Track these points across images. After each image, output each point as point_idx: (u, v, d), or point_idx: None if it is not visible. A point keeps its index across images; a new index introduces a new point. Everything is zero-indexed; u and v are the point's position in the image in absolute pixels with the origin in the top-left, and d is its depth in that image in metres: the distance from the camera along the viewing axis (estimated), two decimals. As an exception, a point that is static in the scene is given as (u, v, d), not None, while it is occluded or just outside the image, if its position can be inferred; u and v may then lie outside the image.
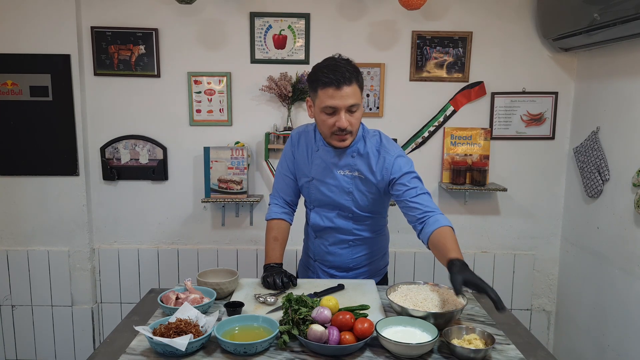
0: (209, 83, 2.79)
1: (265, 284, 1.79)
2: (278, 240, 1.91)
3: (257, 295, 1.72)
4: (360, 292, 1.80)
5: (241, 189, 2.75)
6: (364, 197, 1.83)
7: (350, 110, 1.67)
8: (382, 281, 2.07)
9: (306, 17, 2.74)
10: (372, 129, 1.88)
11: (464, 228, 2.93)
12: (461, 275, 1.44)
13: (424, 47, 2.77)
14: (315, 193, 1.88)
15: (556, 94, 2.80)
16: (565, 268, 2.89)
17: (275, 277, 1.77)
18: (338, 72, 1.63)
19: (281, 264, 1.87)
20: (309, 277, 2.05)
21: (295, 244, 2.38)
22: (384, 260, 2.06)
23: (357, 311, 1.54)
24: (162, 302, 1.60)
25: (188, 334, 1.36)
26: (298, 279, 1.95)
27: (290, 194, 1.98)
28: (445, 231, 1.62)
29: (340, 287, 1.80)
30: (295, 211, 2.02)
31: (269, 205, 2.01)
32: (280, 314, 1.52)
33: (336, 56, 1.72)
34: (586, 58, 2.68)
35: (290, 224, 1.99)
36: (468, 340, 1.39)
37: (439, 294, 1.61)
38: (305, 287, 1.80)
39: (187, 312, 1.46)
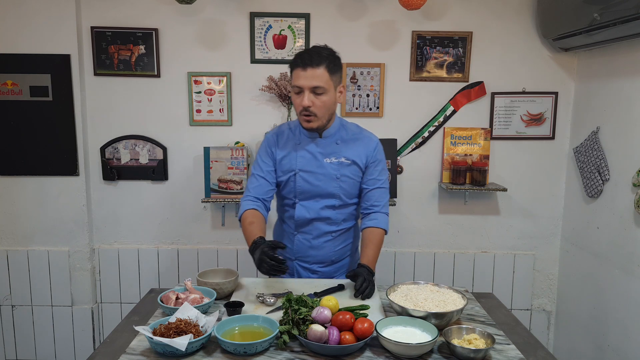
0: (209, 83, 2.79)
1: (263, 269, 1.64)
2: (254, 223, 1.83)
3: (257, 295, 1.72)
4: (360, 292, 1.80)
5: (241, 189, 2.75)
6: (351, 181, 1.91)
7: (315, 92, 1.76)
8: None
9: (306, 17, 2.74)
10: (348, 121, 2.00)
11: (464, 228, 2.93)
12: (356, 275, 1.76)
13: (424, 47, 2.77)
14: (302, 185, 1.89)
15: (556, 94, 2.80)
16: (565, 268, 2.89)
17: (264, 260, 1.61)
18: (306, 54, 1.77)
19: (263, 237, 1.75)
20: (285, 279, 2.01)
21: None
22: (357, 254, 2.09)
23: (357, 311, 1.54)
24: (162, 302, 1.60)
25: (188, 334, 1.36)
26: (297, 279, 1.96)
27: (262, 193, 1.92)
28: (373, 234, 1.88)
29: (340, 287, 1.81)
30: (268, 209, 1.95)
31: (240, 205, 1.95)
32: (280, 314, 1.52)
33: (323, 45, 1.84)
34: (586, 58, 2.69)
35: (265, 219, 1.90)
36: (468, 340, 1.40)
37: (439, 294, 1.61)
38: (305, 287, 1.81)
39: (187, 312, 1.47)
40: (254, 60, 2.78)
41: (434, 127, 2.84)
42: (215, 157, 2.75)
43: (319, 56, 1.75)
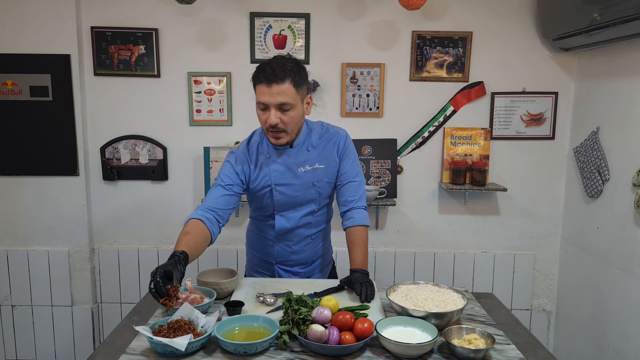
0: (209, 83, 2.79)
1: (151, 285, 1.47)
2: (189, 234, 1.65)
3: (257, 295, 1.72)
4: (360, 292, 1.80)
5: (241, 189, 2.75)
6: (327, 184, 1.88)
7: (281, 108, 1.67)
8: (332, 274, 2.11)
9: (306, 17, 2.74)
10: (312, 121, 1.93)
11: (464, 228, 2.93)
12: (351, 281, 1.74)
13: (424, 47, 2.77)
14: (280, 198, 1.84)
15: (556, 94, 2.80)
16: (565, 268, 2.89)
17: (156, 277, 1.45)
18: (269, 69, 1.65)
19: (185, 252, 1.58)
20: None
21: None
22: (331, 249, 2.13)
23: (357, 311, 1.54)
24: (162, 302, 1.60)
25: (188, 334, 1.36)
26: (297, 279, 1.96)
27: (220, 204, 1.77)
28: (355, 234, 1.83)
29: (341, 287, 1.80)
30: (222, 222, 1.78)
31: None
32: (280, 314, 1.52)
33: (286, 55, 1.73)
34: (586, 58, 2.69)
35: (212, 238, 1.73)
36: (468, 340, 1.39)
37: (439, 294, 1.61)
38: (305, 287, 1.81)
39: (187, 312, 1.47)
40: (254, 60, 2.78)
41: (434, 127, 2.84)
42: (215, 157, 2.75)
43: (284, 70, 1.64)
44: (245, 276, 2.10)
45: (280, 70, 1.64)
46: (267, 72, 1.65)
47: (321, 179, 1.85)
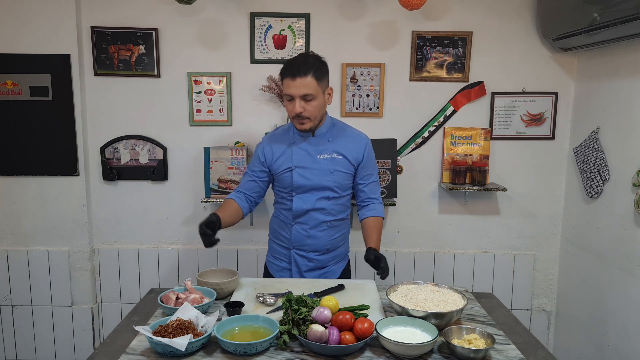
0: (209, 83, 2.79)
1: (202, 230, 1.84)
2: (222, 206, 2.01)
3: (257, 295, 1.72)
4: (360, 292, 1.80)
5: (241, 189, 2.75)
6: (343, 174, 2.03)
7: (305, 99, 1.89)
8: (345, 270, 2.16)
9: (306, 17, 2.74)
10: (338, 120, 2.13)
11: (464, 228, 2.93)
12: (372, 255, 1.89)
13: (424, 47, 2.77)
14: (298, 180, 2.00)
15: (556, 94, 2.80)
16: (565, 268, 2.89)
17: (200, 229, 1.83)
18: (294, 65, 1.89)
19: (217, 214, 1.90)
20: (284, 267, 2.12)
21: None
22: (348, 247, 2.22)
23: (357, 311, 1.54)
24: (162, 302, 1.61)
25: (188, 334, 1.36)
26: (297, 279, 1.97)
27: (248, 189, 2.09)
28: (375, 222, 2.06)
29: (341, 287, 1.81)
30: (252, 202, 2.10)
31: None
32: (280, 314, 1.52)
33: (310, 53, 1.97)
34: (586, 58, 2.69)
35: (243, 211, 2.05)
36: (468, 340, 1.40)
37: (439, 294, 1.62)
38: (306, 287, 1.81)
39: (187, 312, 1.47)
40: (254, 60, 2.78)
41: (434, 127, 2.84)
42: (215, 157, 2.75)
43: (306, 65, 1.87)
44: (265, 267, 2.20)
45: (303, 66, 1.87)
46: (292, 68, 1.88)
47: (338, 168, 2.01)
